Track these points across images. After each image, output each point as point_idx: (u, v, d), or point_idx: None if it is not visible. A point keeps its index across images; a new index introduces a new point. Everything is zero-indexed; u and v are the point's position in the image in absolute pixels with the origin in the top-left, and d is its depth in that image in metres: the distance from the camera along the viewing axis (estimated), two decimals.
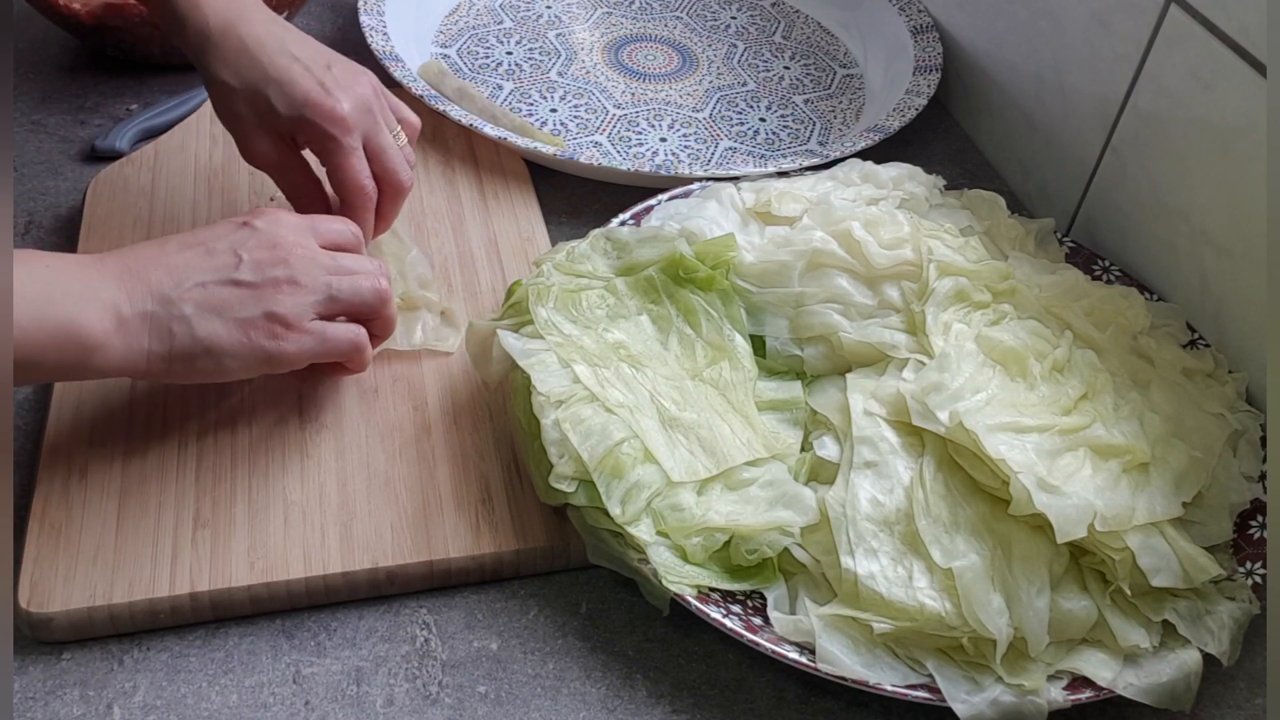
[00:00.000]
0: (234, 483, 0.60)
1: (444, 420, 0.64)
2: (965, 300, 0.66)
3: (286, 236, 0.58)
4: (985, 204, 0.76)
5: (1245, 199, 0.66)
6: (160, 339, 0.54)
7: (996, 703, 0.52)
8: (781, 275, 0.66)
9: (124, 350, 0.54)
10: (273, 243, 0.58)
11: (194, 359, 0.55)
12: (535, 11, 1.04)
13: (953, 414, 0.58)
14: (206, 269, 0.56)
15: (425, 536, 0.58)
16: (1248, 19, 0.64)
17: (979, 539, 0.56)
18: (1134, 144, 0.75)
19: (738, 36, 1.03)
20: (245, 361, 0.56)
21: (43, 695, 0.53)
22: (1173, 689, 0.53)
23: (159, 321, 0.54)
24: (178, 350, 0.55)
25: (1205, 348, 0.69)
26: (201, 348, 0.55)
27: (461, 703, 0.54)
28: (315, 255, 0.59)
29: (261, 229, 0.58)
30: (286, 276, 0.57)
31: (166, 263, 0.56)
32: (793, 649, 0.53)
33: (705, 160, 0.88)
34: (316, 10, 1.00)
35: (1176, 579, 0.55)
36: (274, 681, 0.54)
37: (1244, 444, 0.63)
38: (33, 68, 0.89)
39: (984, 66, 0.92)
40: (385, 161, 0.66)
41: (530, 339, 0.61)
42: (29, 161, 0.81)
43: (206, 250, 0.57)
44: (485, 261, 0.75)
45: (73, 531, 0.57)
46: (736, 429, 0.60)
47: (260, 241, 0.58)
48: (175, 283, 0.55)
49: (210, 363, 0.56)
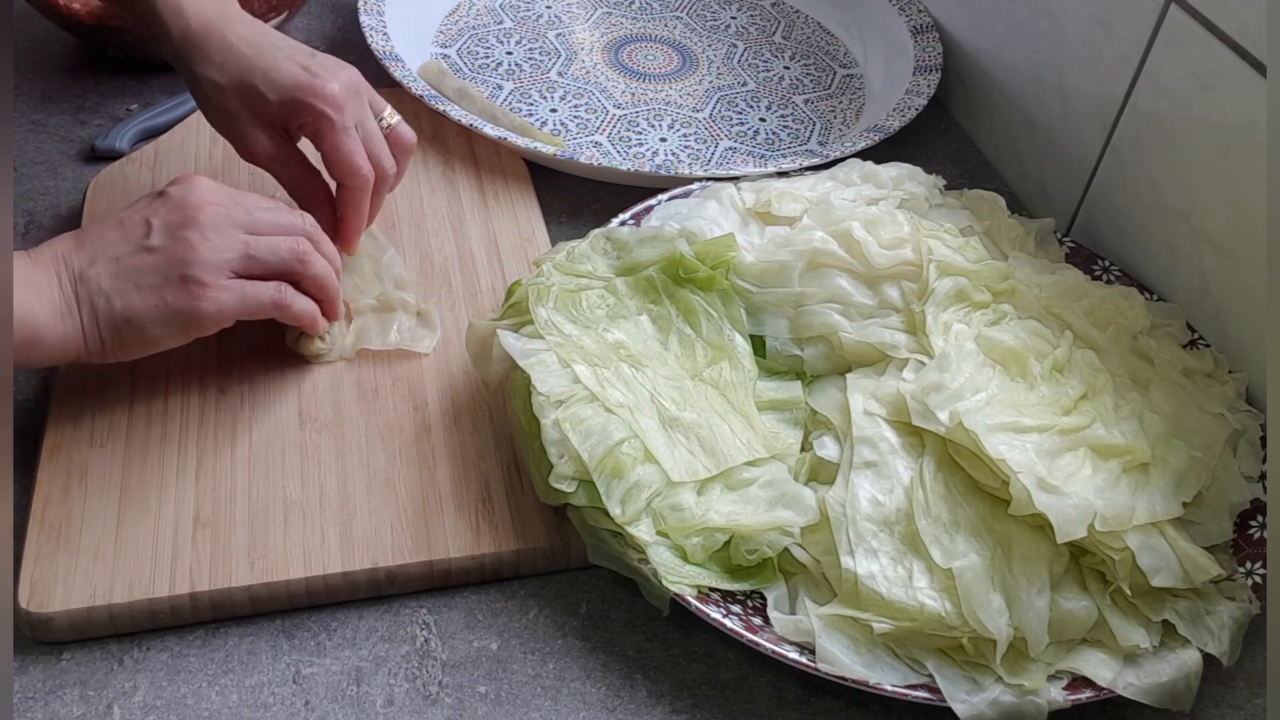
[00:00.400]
0: (234, 483, 0.60)
1: (444, 420, 0.64)
2: (965, 300, 0.66)
3: (201, 196, 0.58)
4: (985, 204, 0.76)
5: (1245, 199, 0.66)
6: (88, 317, 0.56)
7: (996, 703, 0.52)
8: (781, 275, 0.66)
9: (63, 332, 0.56)
10: (182, 204, 0.58)
11: (119, 332, 0.57)
12: (535, 11, 1.04)
13: (953, 414, 0.58)
14: (120, 241, 0.57)
15: (425, 536, 0.58)
16: (1248, 19, 0.64)
17: (979, 539, 0.56)
18: (1134, 144, 0.75)
19: (738, 36, 1.03)
20: (167, 327, 0.57)
21: (43, 695, 0.53)
22: (1173, 689, 0.53)
23: (83, 300, 0.56)
24: (104, 325, 0.56)
25: (1205, 348, 0.69)
26: (122, 319, 0.56)
27: (461, 703, 0.54)
28: (229, 213, 0.59)
29: (173, 194, 0.59)
30: (198, 236, 0.57)
31: (86, 243, 0.57)
32: (793, 649, 0.53)
33: (705, 160, 0.88)
34: (316, 10, 1.00)
35: (1176, 579, 0.55)
36: (274, 681, 0.54)
37: (1244, 444, 0.63)
38: (33, 68, 0.89)
39: (984, 66, 0.92)
40: (373, 147, 0.66)
41: (530, 339, 0.61)
42: (29, 161, 0.80)
43: (120, 223, 0.58)
44: (485, 261, 0.75)
45: (73, 531, 0.57)
46: (736, 429, 0.60)
47: (171, 205, 0.58)
48: (92, 259, 0.56)
49: (135, 333, 0.57)
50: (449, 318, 0.70)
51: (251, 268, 0.59)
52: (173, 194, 0.59)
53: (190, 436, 0.62)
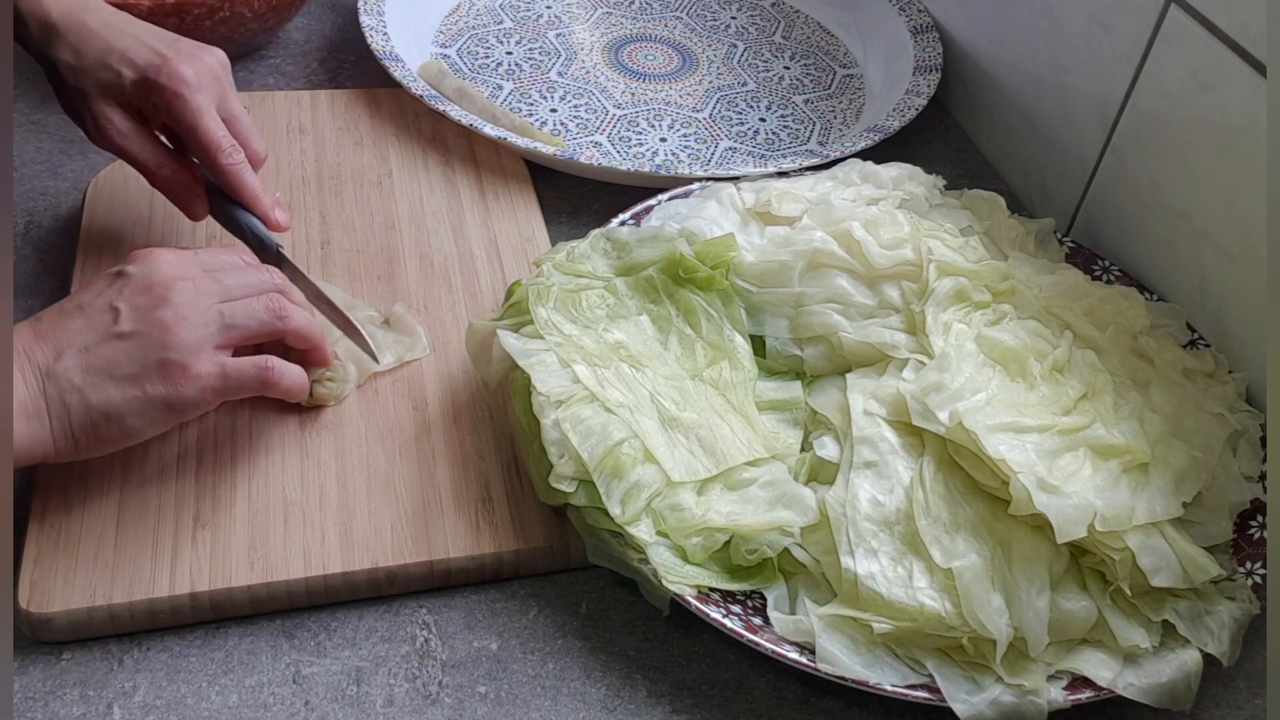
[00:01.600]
0: (234, 483, 0.60)
1: (444, 420, 0.64)
2: (965, 300, 0.66)
3: (164, 272, 0.55)
4: (985, 204, 0.76)
5: (1245, 199, 0.66)
6: (58, 416, 0.52)
7: (996, 703, 0.52)
8: (781, 275, 0.66)
9: (30, 435, 0.52)
10: (148, 284, 0.55)
11: (96, 429, 0.53)
12: (535, 11, 1.04)
13: (953, 414, 0.58)
14: (85, 331, 0.53)
15: (425, 536, 0.58)
16: (1248, 19, 0.64)
17: (979, 539, 0.56)
18: (1134, 144, 0.75)
19: (738, 36, 1.03)
20: (148, 418, 0.54)
21: (43, 695, 0.53)
22: (1173, 689, 0.53)
23: (52, 399, 0.52)
24: (78, 424, 0.52)
25: (1205, 348, 0.69)
26: (99, 414, 0.52)
27: (461, 703, 0.54)
28: (199, 285, 0.56)
29: (135, 273, 0.55)
30: (173, 316, 0.54)
31: (47, 334, 0.53)
32: (793, 649, 0.53)
33: (705, 160, 0.88)
34: (316, 10, 1.00)
35: (1176, 579, 0.55)
36: (274, 681, 0.54)
37: (1244, 444, 0.63)
38: (33, 68, 0.89)
39: (984, 66, 0.92)
40: (238, 128, 0.64)
41: (530, 339, 0.61)
42: (29, 161, 0.80)
43: (80, 309, 0.54)
44: (485, 261, 0.75)
45: (73, 531, 0.57)
46: (736, 429, 0.60)
47: (136, 286, 0.54)
48: (58, 353, 0.52)
49: (114, 428, 0.53)
50: (449, 318, 0.70)
51: (231, 337, 0.56)
52: (134, 273, 0.55)
53: (190, 437, 0.62)
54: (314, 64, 0.94)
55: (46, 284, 0.71)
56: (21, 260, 0.73)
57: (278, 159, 0.81)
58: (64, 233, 0.75)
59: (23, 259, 0.73)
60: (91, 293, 0.55)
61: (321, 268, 0.73)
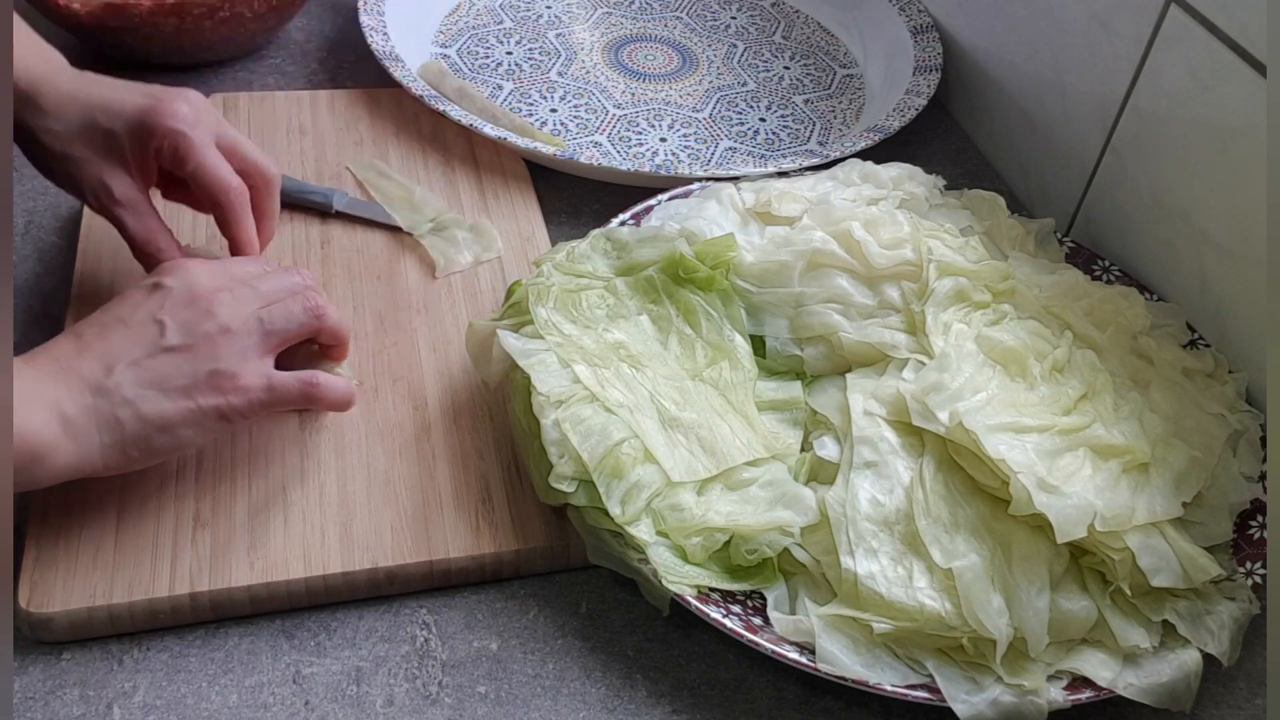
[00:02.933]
0: (234, 483, 0.60)
1: (444, 420, 0.64)
2: (965, 300, 0.66)
3: (203, 284, 0.56)
4: (985, 204, 0.76)
5: (1245, 199, 0.66)
6: (110, 430, 0.52)
7: (996, 703, 0.52)
8: (781, 275, 0.66)
9: (76, 450, 0.51)
10: (191, 297, 0.55)
11: (148, 441, 0.53)
12: (535, 11, 1.04)
13: (953, 414, 0.58)
14: (132, 345, 0.53)
15: (425, 536, 0.58)
16: (1248, 19, 0.64)
17: (979, 539, 0.56)
18: (1134, 144, 0.75)
19: (738, 36, 1.03)
20: (201, 428, 0.54)
21: (43, 695, 0.53)
22: (1173, 689, 0.53)
23: (103, 413, 0.52)
24: (130, 437, 0.52)
25: (1205, 348, 0.69)
26: (153, 427, 0.53)
27: (461, 703, 0.54)
28: (237, 294, 0.56)
29: (174, 286, 0.55)
30: (217, 328, 0.55)
31: (91, 347, 0.53)
32: (793, 649, 0.53)
33: (705, 160, 0.88)
34: (316, 10, 1.00)
35: (1176, 579, 0.55)
36: (274, 681, 0.54)
37: (1244, 444, 0.63)
38: None
39: (984, 66, 0.92)
40: (245, 154, 0.63)
41: (530, 339, 0.61)
42: (29, 162, 0.80)
43: (125, 326, 0.54)
44: (485, 261, 0.75)
45: (73, 531, 0.57)
46: (736, 429, 0.60)
47: (178, 299, 0.55)
48: (106, 369, 0.52)
49: (167, 439, 0.53)
50: (449, 318, 0.70)
51: (274, 344, 0.57)
52: (174, 286, 0.55)
53: None
54: (314, 64, 0.94)
55: (46, 284, 0.71)
56: (21, 260, 0.73)
57: (278, 159, 0.81)
58: (64, 232, 0.75)
59: (23, 259, 0.73)
60: (129, 305, 0.55)
61: (322, 267, 0.73)
